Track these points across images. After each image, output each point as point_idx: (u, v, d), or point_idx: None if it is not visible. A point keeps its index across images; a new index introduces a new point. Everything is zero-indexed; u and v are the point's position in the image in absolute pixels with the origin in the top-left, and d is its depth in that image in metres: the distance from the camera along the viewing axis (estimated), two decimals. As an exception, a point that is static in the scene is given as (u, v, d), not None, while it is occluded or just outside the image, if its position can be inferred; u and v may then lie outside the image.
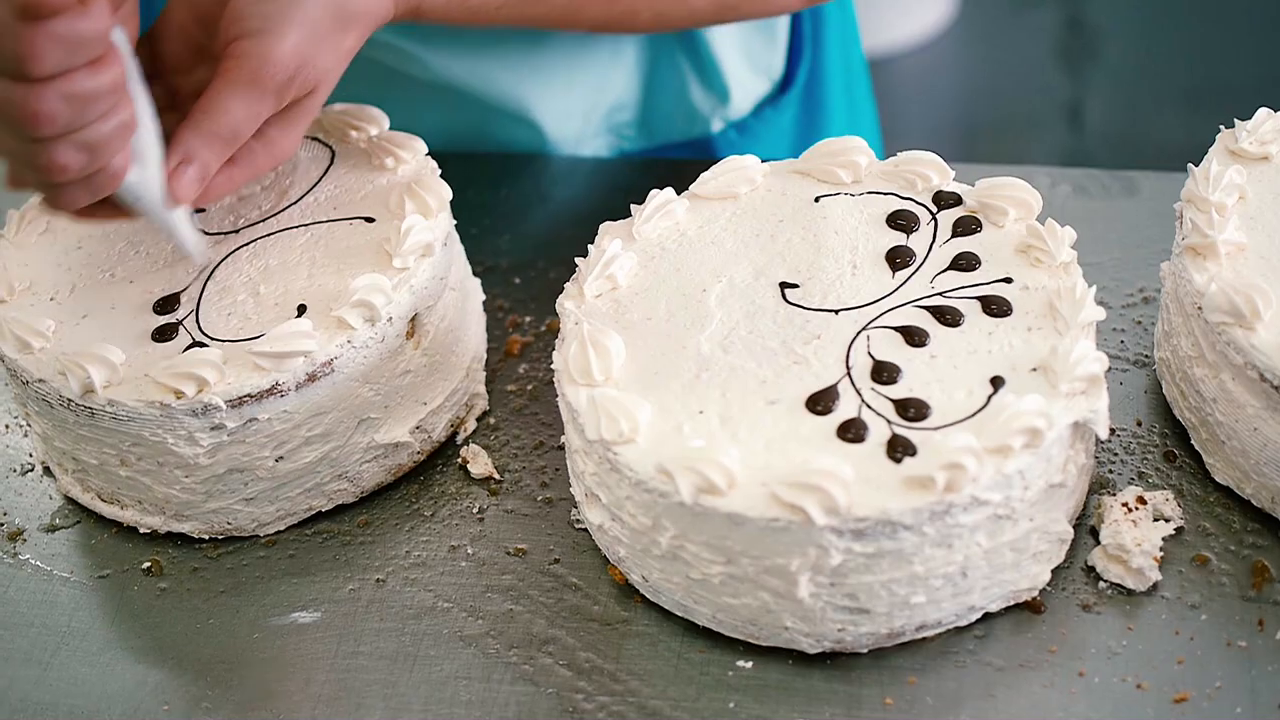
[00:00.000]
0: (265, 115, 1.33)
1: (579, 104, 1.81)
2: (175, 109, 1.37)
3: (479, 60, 1.73)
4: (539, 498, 1.44)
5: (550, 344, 1.57)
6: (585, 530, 1.39)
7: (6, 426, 1.57)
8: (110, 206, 1.32)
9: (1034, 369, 1.26)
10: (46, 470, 1.52)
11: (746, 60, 1.85)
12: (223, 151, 1.32)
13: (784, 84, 1.92)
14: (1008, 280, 1.35)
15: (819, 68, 1.93)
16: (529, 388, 1.54)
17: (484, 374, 1.55)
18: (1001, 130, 4.02)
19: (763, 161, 1.49)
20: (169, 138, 1.32)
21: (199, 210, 1.51)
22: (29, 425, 1.50)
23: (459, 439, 1.50)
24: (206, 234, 1.50)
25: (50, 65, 1.16)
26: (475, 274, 1.59)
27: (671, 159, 1.86)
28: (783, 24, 1.88)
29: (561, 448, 1.45)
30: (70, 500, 1.49)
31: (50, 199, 1.28)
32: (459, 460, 1.48)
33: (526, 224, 1.73)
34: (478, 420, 1.52)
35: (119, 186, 1.28)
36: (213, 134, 1.31)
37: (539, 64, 1.76)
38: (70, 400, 1.37)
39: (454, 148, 1.75)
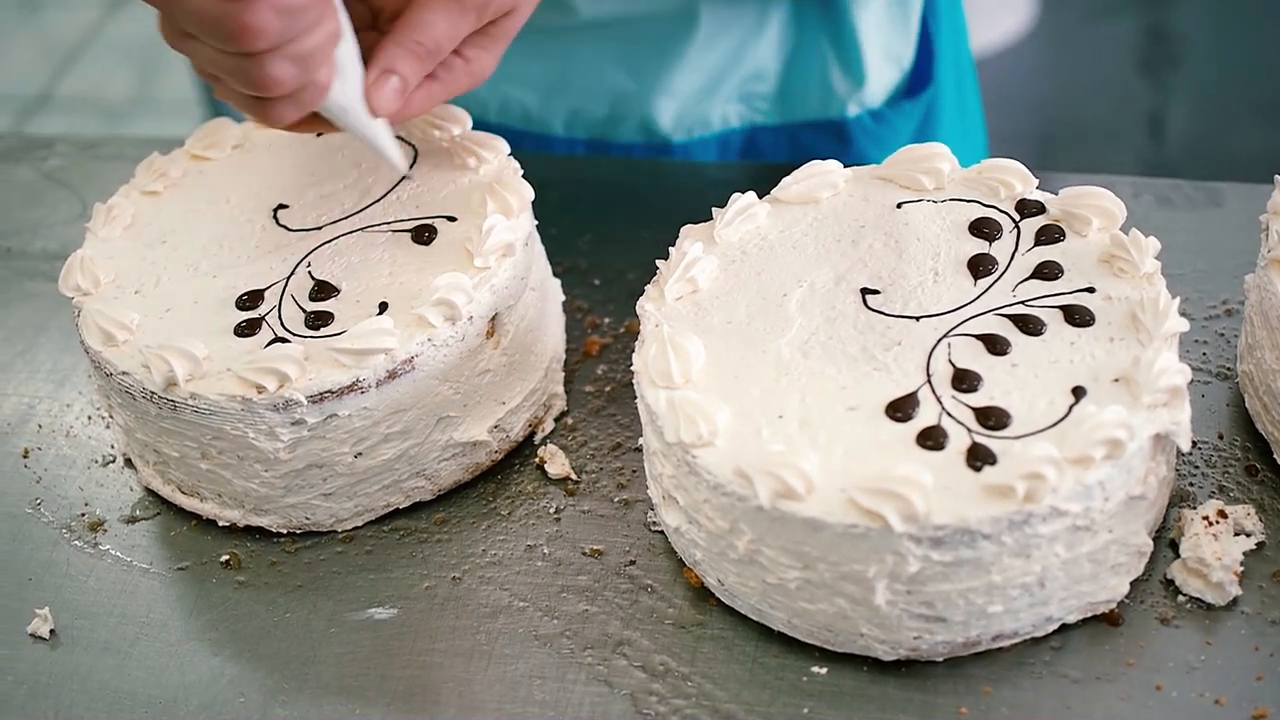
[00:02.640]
0: (465, 32, 1.37)
1: (716, 62, 1.82)
2: (375, 28, 1.41)
3: (633, 4, 1.76)
4: (616, 499, 1.44)
5: (628, 345, 1.58)
6: (661, 532, 1.39)
7: (89, 418, 1.59)
8: (315, 119, 1.37)
9: (1116, 380, 1.26)
10: (128, 462, 1.53)
11: (883, 47, 1.86)
12: (423, 65, 1.36)
13: (917, 78, 1.92)
14: (1090, 290, 1.34)
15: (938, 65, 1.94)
16: (607, 389, 1.54)
17: (562, 374, 1.55)
18: (1080, 139, 3.99)
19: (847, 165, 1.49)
20: (369, 55, 1.36)
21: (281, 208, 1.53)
22: (111, 417, 1.52)
23: (536, 439, 1.51)
24: (289, 230, 1.51)
25: None
26: (555, 274, 1.59)
27: (765, 164, 1.86)
28: (914, 16, 1.88)
29: (639, 449, 1.46)
30: (151, 492, 1.51)
31: (260, 114, 1.31)
32: (536, 460, 1.49)
33: (606, 225, 1.73)
34: (555, 420, 1.52)
35: (325, 100, 1.32)
36: (415, 47, 1.35)
37: (690, 15, 1.78)
38: (153, 393, 1.39)
39: (557, 103, 1.79)
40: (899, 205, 1.44)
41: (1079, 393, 1.25)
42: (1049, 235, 1.39)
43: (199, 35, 1.25)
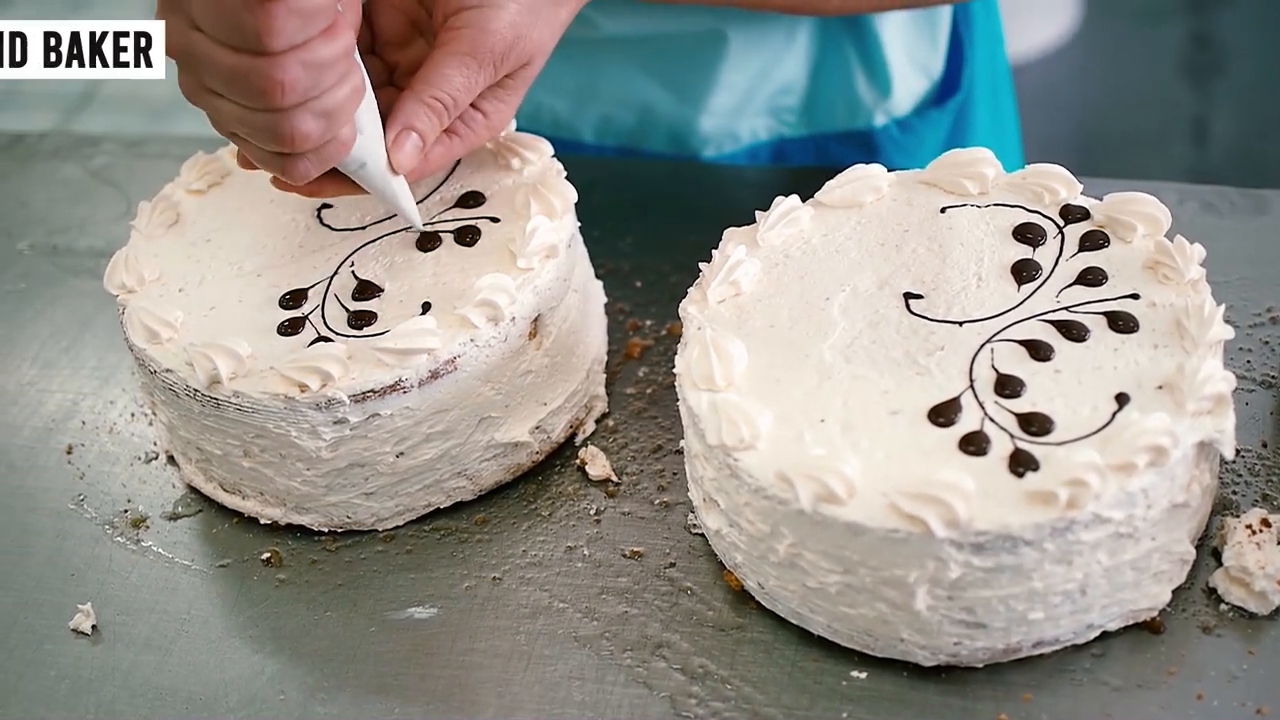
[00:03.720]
0: (482, 86, 1.39)
1: (745, 81, 1.82)
2: (391, 84, 1.43)
3: (660, 24, 1.76)
4: (656, 501, 1.44)
5: (670, 348, 1.58)
6: (702, 535, 1.39)
7: (133, 415, 1.60)
8: (335, 179, 1.38)
9: (1160, 387, 1.25)
10: (170, 459, 1.54)
11: (909, 57, 1.86)
12: (441, 120, 1.38)
13: (946, 86, 1.92)
14: (1135, 296, 1.34)
15: (970, 73, 1.93)
16: (648, 391, 1.54)
17: (604, 376, 1.55)
18: (1123, 145, 3.98)
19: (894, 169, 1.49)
20: (385, 111, 1.37)
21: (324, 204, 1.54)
22: (155, 414, 1.52)
23: (578, 440, 1.51)
24: (332, 230, 1.51)
25: (288, 37, 1.21)
26: (597, 276, 1.60)
27: (807, 167, 1.85)
28: (944, 25, 1.88)
29: (680, 452, 1.46)
30: (193, 489, 1.51)
31: (281, 169, 1.32)
32: (577, 461, 1.49)
33: (649, 227, 1.73)
34: (597, 422, 1.52)
35: (346, 156, 1.33)
36: (432, 103, 1.37)
37: (719, 37, 1.78)
38: (196, 391, 1.39)
39: (587, 110, 1.81)
40: (943, 210, 1.44)
41: (1122, 399, 1.25)
42: (1093, 241, 1.39)
43: (223, 92, 1.26)
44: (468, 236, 1.47)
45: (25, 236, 1.86)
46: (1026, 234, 1.40)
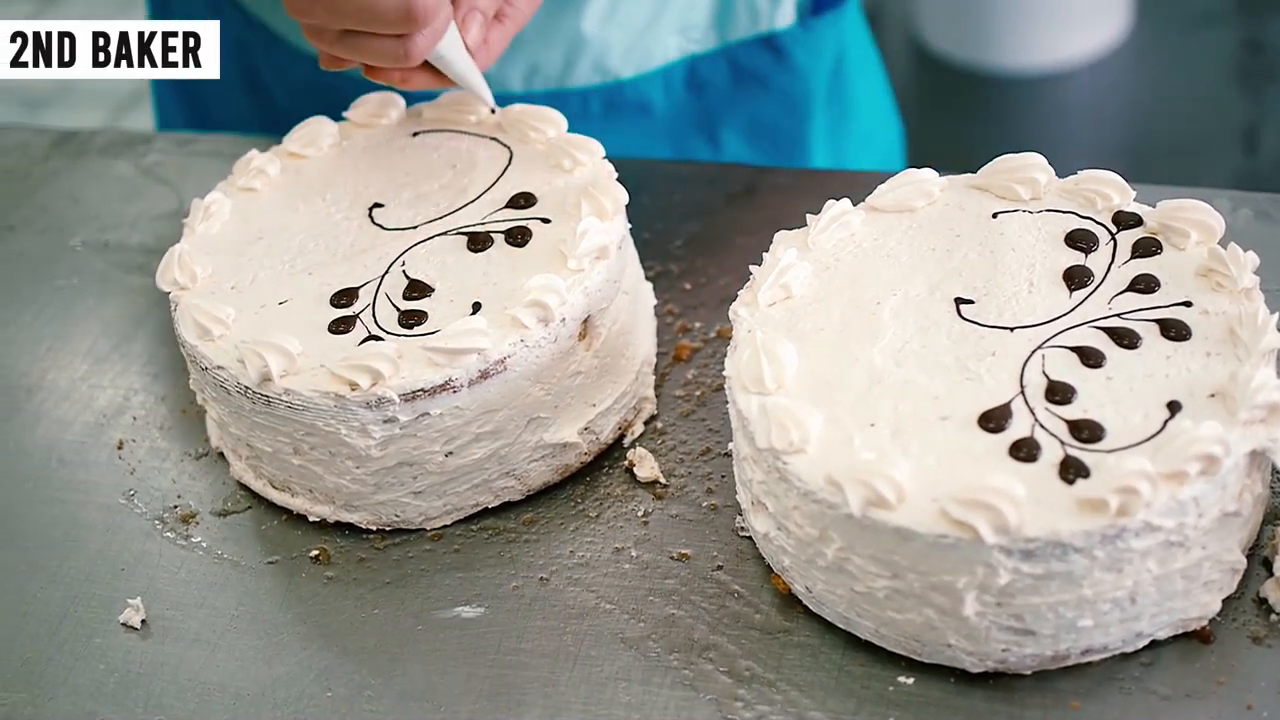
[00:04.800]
0: None
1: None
2: None
3: None
4: (704, 504, 1.44)
5: (719, 351, 1.58)
6: (749, 538, 1.39)
7: (183, 411, 1.60)
8: (425, 68, 1.50)
9: (1212, 395, 1.25)
10: (220, 456, 1.55)
11: None
12: (495, 2, 1.51)
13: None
14: (1187, 304, 1.33)
15: None
16: (697, 393, 1.54)
17: (653, 378, 1.55)
18: (1173, 151, 3.95)
19: (940, 171, 1.48)
20: None
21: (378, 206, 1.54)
22: (205, 411, 1.53)
23: (626, 442, 1.51)
24: (384, 229, 1.52)
25: None
26: (646, 278, 1.60)
27: (862, 173, 1.85)
28: None
29: (728, 454, 1.46)
30: (242, 486, 1.52)
31: (401, 53, 1.44)
32: (625, 463, 1.49)
33: (699, 230, 1.73)
34: (645, 424, 1.52)
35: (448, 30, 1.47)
36: None
37: None
38: (247, 388, 1.40)
39: (513, 60, 1.86)
40: (994, 215, 1.44)
41: (1174, 407, 1.24)
42: (1146, 248, 1.38)
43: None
44: (519, 237, 1.47)
45: (77, 233, 1.87)
46: (1079, 240, 1.40)
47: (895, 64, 4.24)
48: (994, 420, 1.25)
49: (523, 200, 1.52)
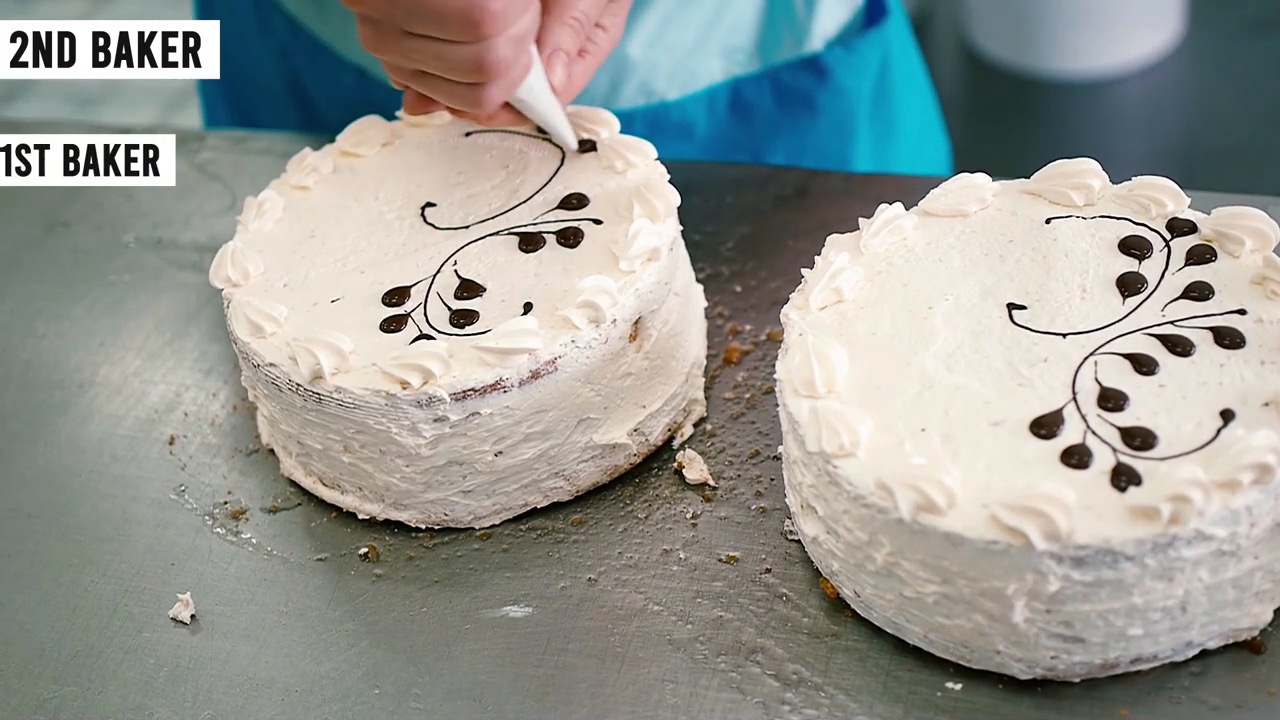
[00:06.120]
0: (605, 2, 1.48)
1: (702, 15, 1.87)
2: None
3: None
4: (753, 506, 1.44)
5: (769, 353, 1.57)
6: (798, 541, 1.39)
7: (234, 408, 1.61)
8: (507, 108, 1.48)
9: (1266, 403, 1.24)
10: (271, 452, 1.55)
11: None
12: (579, 39, 1.48)
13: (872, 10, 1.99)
14: (1241, 312, 1.32)
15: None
16: (747, 396, 1.54)
17: (703, 380, 1.55)
18: (1228, 158, 3.93)
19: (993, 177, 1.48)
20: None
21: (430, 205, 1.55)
22: (256, 408, 1.54)
23: (675, 444, 1.51)
24: (436, 229, 1.52)
25: None
26: (697, 280, 1.60)
27: (912, 177, 1.85)
28: None
29: (778, 457, 1.45)
30: (292, 483, 1.52)
31: (471, 100, 1.42)
32: (674, 465, 1.49)
33: (749, 233, 1.73)
34: (695, 426, 1.52)
35: (526, 80, 1.44)
36: (573, 23, 1.47)
37: None
38: (299, 385, 1.40)
39: None
40: (1048, 221, 1.43)
41: (1227, 415, 1.24)
42: (1200, 255, 1.38)
43: (431, 30, 1.35)
44: (570, 238, 1.48)
45: (130, 229, 1.89)
46: (1132, 247, 1.39)
47: (946, 69, 4.24)
48: (1045, 426, 1.25)
49: (575, 201, 1.52)
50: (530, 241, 1.48)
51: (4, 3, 4.91)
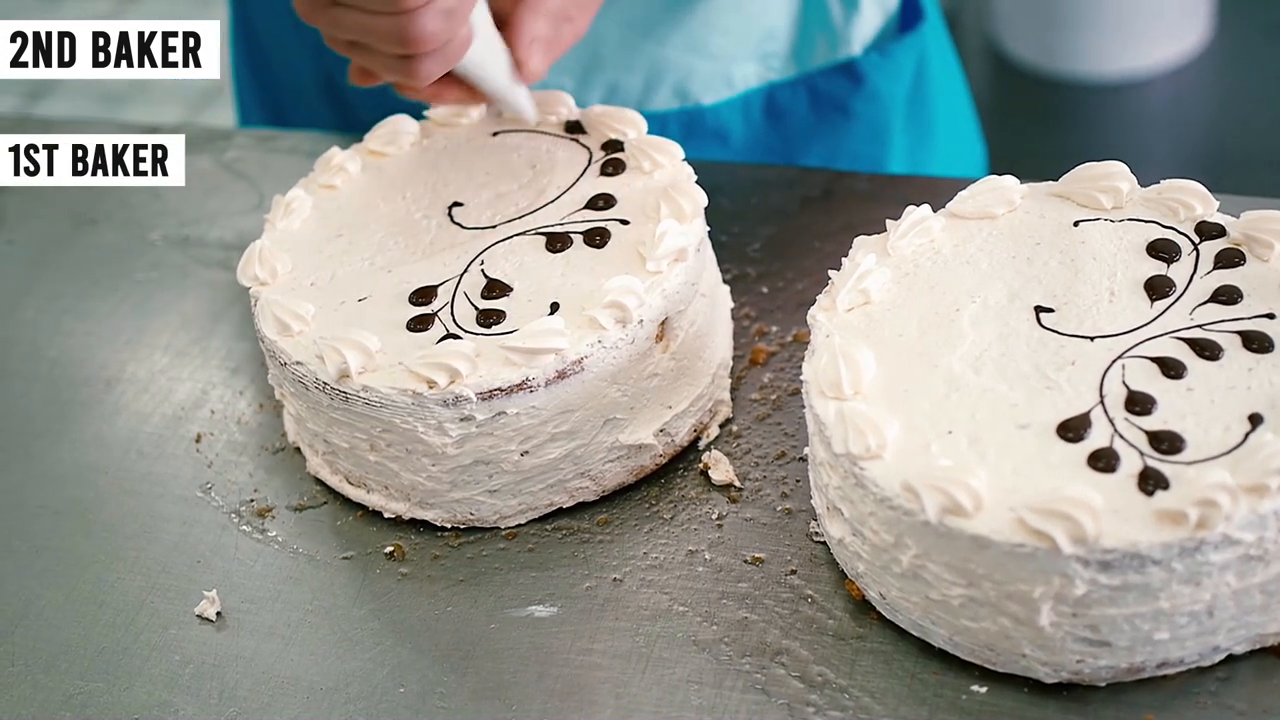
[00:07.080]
0: None
1: (739, 23, 1.87)
2: None
3: None
4: (779, 508, 1.44)
5: (795, 355, 1.57)
6: (824, 543, 1.39)
7: (261, 406, 1.62)
8: (455, 84, 1.49)
9: (1294, 408, 1.24)
10: (297, 451, 1.55)
11: None
12: (555, 28, 1.50)
13: (907, 14, 1.99)
14: (1270, 316, 1.32)
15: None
16: (773, 397, 1.54)
17: (729, 381, 1.55)
18: (1257, 161, 3.92)
19: (1016, 177, 1.47)
20: (498, 21, 1.49)
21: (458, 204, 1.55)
22: (283, 406, 1.54)
23: (701, 444, 1.51)
24: (463, 228, 1.52)
25: None
26: (724, 281, 1.60)
27: (939, 178, 1.85)
28: None
29: (804, 459, 1.45)
30: (319, 481, 1.53)
31: (405, 72, 1.42)
32: (700, 465, 1.49)
33: (776, 234, 1.73)
34: (721, 427, 1.52)
35: (465, 55, 1.43)
36: (546, 13, 1.49)
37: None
38: (325, 384, 1.41)
39: (594, 81, 1.88)
40: (1076, 224, 1.43)
41: (1256, 420, 1.23)
42: (1228, 259, 1.37)
43: (350, 1, 1.35)
44: (597, 238, 1.48)
45: (157, 227, 1.89)
46: (1161, 250, 1.39)
47: (973, 72, 4.22)
48: (1073, 430, 1.24)
49: (602, 201, 1.52)
50: (557, 241, 1.48)
51: (32, 3, 4.92)
